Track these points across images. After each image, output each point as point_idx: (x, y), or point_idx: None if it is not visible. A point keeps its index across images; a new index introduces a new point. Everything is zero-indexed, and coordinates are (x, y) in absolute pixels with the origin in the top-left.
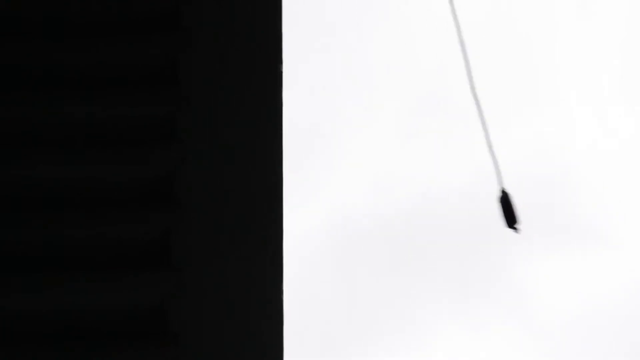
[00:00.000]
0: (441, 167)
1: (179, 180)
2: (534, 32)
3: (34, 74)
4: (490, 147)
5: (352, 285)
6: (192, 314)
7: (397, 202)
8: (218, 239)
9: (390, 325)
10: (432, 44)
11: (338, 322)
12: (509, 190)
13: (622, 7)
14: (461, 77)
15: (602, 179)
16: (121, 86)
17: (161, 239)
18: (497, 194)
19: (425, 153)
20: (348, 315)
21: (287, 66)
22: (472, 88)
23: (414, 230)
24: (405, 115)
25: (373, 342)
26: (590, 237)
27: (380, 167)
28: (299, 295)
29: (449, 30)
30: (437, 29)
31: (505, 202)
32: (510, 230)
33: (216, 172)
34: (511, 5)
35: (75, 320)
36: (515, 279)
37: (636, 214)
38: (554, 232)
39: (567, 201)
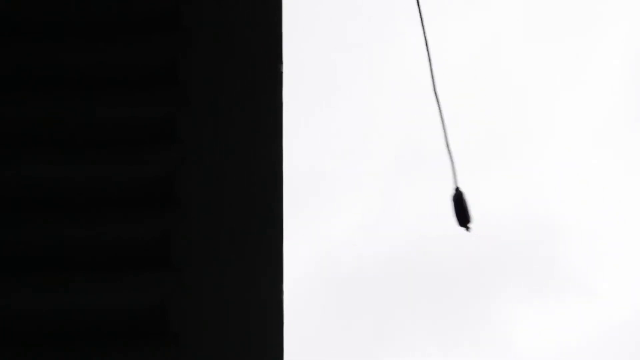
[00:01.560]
0: (429, 211)
1: (179, 180)
2: (517, 80)
3: (34, 74)
4: (447, 144)
5: (337, 328)
6: (192, 314)
7: (384, 246)
8: (218, 239)
9: None
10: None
11: None
12: (463, 190)
13: (606, 57)
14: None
15: (584, 228)
16: (121, 86)
17: (161, 239)
18: (451, 193)
19: (412, 197)
20: (334, 357)
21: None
22: (443, 128)
23: (400, 274)
24: (393, 161)
25: None
26: (571, 285)
27: (367, 211)
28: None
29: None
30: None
31: (459, 201)
32: (462, 229)
33: (216, 172)
34: (493, 54)
35: (75, 320)
36: (498, 324)
37: (616, 263)
38: (536, 279)
39: (549, 250)
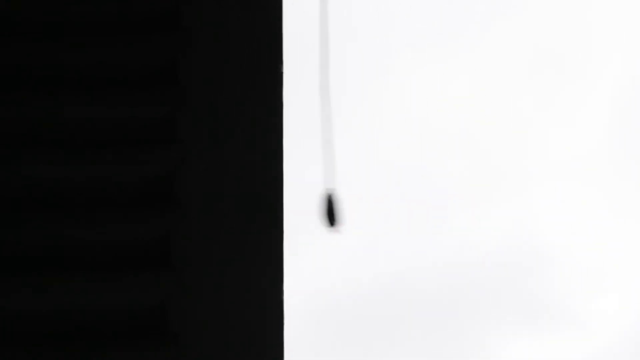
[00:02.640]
0: (417, 244)
1: (179, 180)
2: (508, 119)
3: (34, 74)
4: (330, 145)
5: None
6: (192, 314)
7: (375, 275)
8: (218, 239)
9: None
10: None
11: None
12: (334, 192)
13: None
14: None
15: (575, 260)
16: (121, 86)
17: (161, 239)
18: (323, 194)
19: (402, 230)
20: None
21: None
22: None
23: (389, 306)
24: (381, 194)
25: None
26: (562, 316)
27: (356, 244)
28: None
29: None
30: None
31: (329, 203)
32: (331, 230)
33: (216, 172)
34: (484, 93)
35: (75, 320)
36: (490, 354)
37: (606, 294)
38: (528, 310)
39: (540, 281)
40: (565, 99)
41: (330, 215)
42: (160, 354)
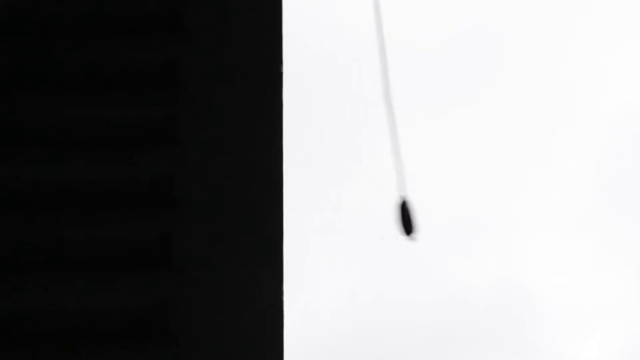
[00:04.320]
0: (410, 286)
1: (179, 180)
2: (496, 169)
3: (34, 74)
4: (397, 153)
5: None
6: (192, 314)
7: (363, 318)
8: (218, 239)
9: None
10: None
11: None
12: (408, 199)
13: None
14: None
15: (562, 306)
16: (121, 86)
17: (161, 239)
18: (397, 202)
19: (394, 272)
20: None
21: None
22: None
23: (379, 347)
24: (374, 236)
25: None
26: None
27: (352, 279)
28: None
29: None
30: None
31: (404, 210)
32: (407, 238)
33: (216, 172)
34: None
35: (75, 320)
36: None
37: (594, 339)
38: (515, 355)
39: (528, 326)
40: (554, 149)
41: (407, 223)
42: (160, 354)
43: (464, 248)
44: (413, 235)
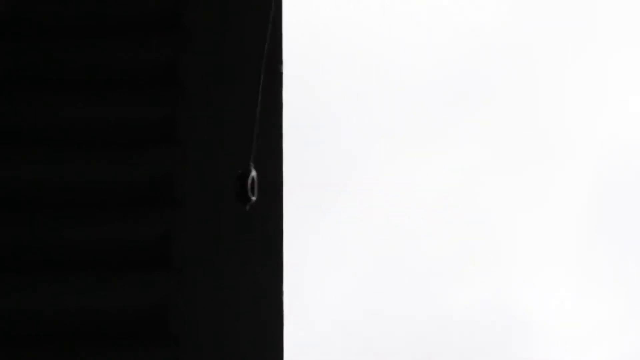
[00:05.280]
0: (402, 309)
1: (179, 180)
2: (492, 198)
3: (33, 74)
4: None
5: None
6: (192, 314)
7: (352, 338)
8: (218, 239)
9: None
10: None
11: None
12: (249, 171)
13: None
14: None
15: (552, 329)
16: (121, 86)
17: (161, 239)
18: (239, 172)
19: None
20: None
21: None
22: None
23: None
24: (372, 265)
25: None
26: None
27: (343, 301)
28: None
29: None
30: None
31: (242, 179)
32: (244, 208)
33: (216, 172)
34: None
35: (75, 320)
36: None
37: None
38: None
39: (519, 348)
40: (549, 179)
41: (243, 194)
42: (160, 354)
43: (459, 274)
44: (249, 205)
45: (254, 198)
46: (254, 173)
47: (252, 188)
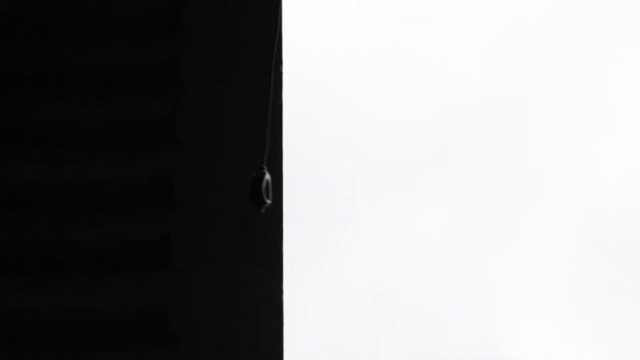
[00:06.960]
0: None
1: (179, 180)
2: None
3: (33, 74)
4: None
5: None
6: (192, 314)
7: None
8: (218, 240)
9: None
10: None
11: None
12: (265, 173)
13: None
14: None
15: None
16: (121, 86)
17: (161, 239)
18: (254, 174)
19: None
20: None
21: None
22: None
23: None
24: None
25: None
26: None
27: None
28: None
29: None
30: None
31: (257, 182)
32: (257, 209)
33: (216, 172)
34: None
35: (75, 320)
36: None
37: None
38: None
39: None
40: (536, 222)
41: (257, 196)
42: (160, 354)
43: (442, 314)
44: (263, 206)
45: (269, 201)
46: (268, 176)
47: (267, 191)
